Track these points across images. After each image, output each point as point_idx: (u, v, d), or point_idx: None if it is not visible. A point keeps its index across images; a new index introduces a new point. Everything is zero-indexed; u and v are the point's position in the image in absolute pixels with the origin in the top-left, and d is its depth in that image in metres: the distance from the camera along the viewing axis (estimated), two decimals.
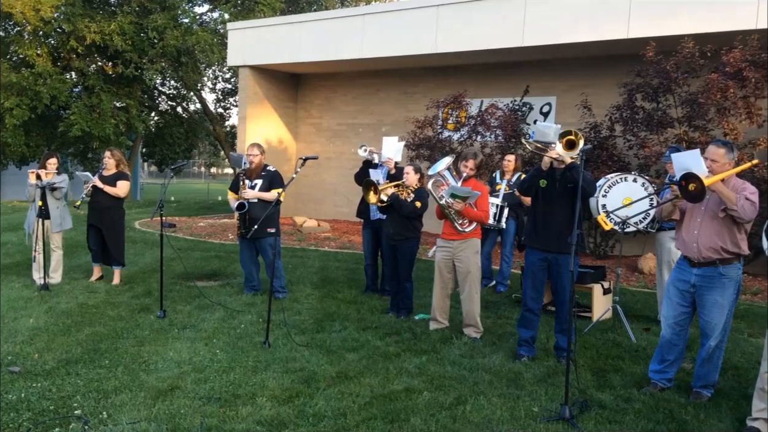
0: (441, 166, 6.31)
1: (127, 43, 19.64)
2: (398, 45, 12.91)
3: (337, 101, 16.17)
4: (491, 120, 11.65)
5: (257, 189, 7.46)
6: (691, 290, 4.72)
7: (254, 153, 7.58)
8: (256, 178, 7.53)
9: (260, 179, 7.52)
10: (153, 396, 4.46)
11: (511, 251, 8.38)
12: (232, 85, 26.26)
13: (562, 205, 5.28)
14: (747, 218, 4.48)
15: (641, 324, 6.83)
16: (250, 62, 15.47)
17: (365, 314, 6.95)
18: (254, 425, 4.04)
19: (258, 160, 7.57)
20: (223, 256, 10.43)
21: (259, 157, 7.59)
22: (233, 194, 7.65)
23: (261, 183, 7.50)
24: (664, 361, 4.92)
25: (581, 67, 12.13)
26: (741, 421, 4.25)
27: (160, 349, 5.50)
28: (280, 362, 5.24)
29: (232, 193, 7.72)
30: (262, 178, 7.53)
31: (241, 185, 7.44)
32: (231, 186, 7.79)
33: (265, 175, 7.56)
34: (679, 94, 9.42)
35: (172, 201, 24.44)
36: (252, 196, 7.40)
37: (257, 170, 7.56)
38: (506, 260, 8.35)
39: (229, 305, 7.08)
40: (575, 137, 5.01)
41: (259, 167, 7.58)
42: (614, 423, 4.27)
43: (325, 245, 12.17)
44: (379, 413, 4.28)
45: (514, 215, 8.20)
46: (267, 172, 7.59)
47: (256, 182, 7.51)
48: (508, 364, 5.40)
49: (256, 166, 7.56)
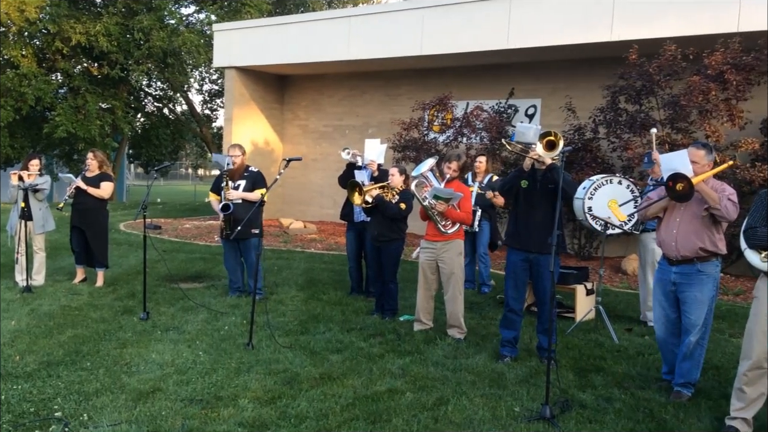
0: (424, 168, 6.34)
1: (112, 44, 19.56)
2: (384, 47, 12.94)
3: (324, 103, 16.17)
4: (476, 122, 11.69)
5: (241, 190, 7.45)
6: (672, 288, 4.82)
7: (236, 154, 7.58)
8: (239, 179, 7.53)
9: (243, 180, 7.52)
10: (134, 398, 4.45)
11: (486, 252, 8.40)
12: (219, 86, 26.20)
13: (543, 205, 5.33)
14: (730, 218, 4.59)
15: (624, 324, 6.88)
16: (237, 63, 15.45)
17: (350, 316, 6.95)
18: (236, 427, 4.04)
19: (240, 160, 7.57)
20: (208, 258, 10.40)
21: (240, 157, 7.59)
22: (215, 195, 7.65)
23: (244, 184, 7.50)
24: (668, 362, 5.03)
25: (565, 70, 12.21)
26: (720, 420, 4.30)
27: (143, 351, 5.49)
28: (263, 364, 5.24)
29: (213, 194, 7.71)
30: (245, 178, 7.53)
31: (224, 187, 7.43)
32: (212, 187, 7.77)
33: (248, 175, 7.56)
34: (661, 96, 9.50)
35: (158, 202, 24.33)
36: (236, 197, 7.39)
37: (239, 171, 7.56)
38: (483, 261, 8.37)
39: (213, 307, 7.07)
40: (555, 138, 5.05)
41: (241, 168, 7.58)
42: (594, 422, 4.30)
43: (311, 247, 12.17)
44: (362, 414, 4.30)
45: (487, 217, 8.22)
46: (250, 173, 7.59)
47: (240, 183, 7.51)
48: (490, 364, 5.43)
49: (239, 167, 7.56)
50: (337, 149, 9.90)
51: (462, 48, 11.88)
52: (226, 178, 7.45)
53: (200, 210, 20.31)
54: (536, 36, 11.02)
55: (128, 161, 30.35)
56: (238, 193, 7.41)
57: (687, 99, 9.01)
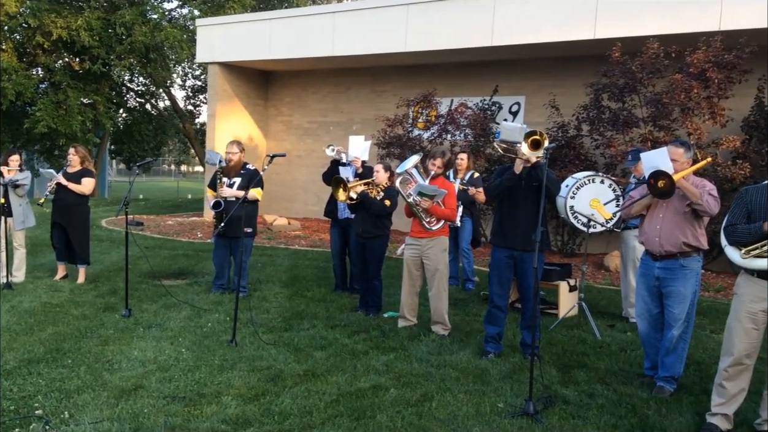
0: (409, 164, 6.34)
1: (94, 39, 19.33)
2: (368, 43, 12.91)
3: (308, 99, 16.12)
4: (461, 119, 11.71)
5: (235, 187, 7.38)
6: (656, 284, 4.88)
7: (233, 151, 7.50)
8: (234, 176, 7.46)
9: (239, 177, 7.44)
10: (116, 395, 4.41)
11: (468, 247, 8.42)
12: (202, 82, 26.02)
13: (527, 203, 5.35)
14: (712, 213, 4.68)
15: (606, 321, 6.93)
16: (220, 59, 15.35)
17: (334, 312, 6.94)
18: (219, 424, 4.02)
19: (237, 158, 7.50)
20: (191, 255, 10.34)
21: (238, 155, 7.51)
22: (212, 192, 7.58)
23: (240, 181, 7.42)
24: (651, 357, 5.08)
25: (549, 68, 12.25)
26: (701, 416, 4.34)
27: (125, 348, 5.44)
28: (246, 361, 5.22)
29: (210, 190, 7.64)
30: (241, 176, 7.44)
31: (218, 183, 7.37)
32: (209, 183, 7.70)
33: (244, 173, 7.47)
34: (644, 94, 9.56)
35: (140, 199, 24.15)
36: (230, 195, 7.31)
37: (236, 168, 7.49)
38: (466, 256, 8.38)
39: (196, 304, 7.03)
40: (540, 137, 5.07)
41: (238, 165, 7.51)
42: (577, 418, 4.33)
43: (296, 243, 12.13)
44: (346, 411, 4.29)
45: (468, 213, 8.25)
46: (246, 171, 7.50)
47: (235, 180, 7.43)
48: (474, 360, 5.44)
49: (235, 164, 7.49)
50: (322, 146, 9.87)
51: (446, 45, 11.88)
52: (220, 175, 7.39)
53: (183, 206, 20.21)
54: (520, 33, 11.04)
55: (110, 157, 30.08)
56: (232, 191, 7.34)
57: (669, 97, 9.06)
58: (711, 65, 8.89)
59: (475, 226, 8.45)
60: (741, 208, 4.15)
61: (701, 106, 9.13)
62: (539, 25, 10.81)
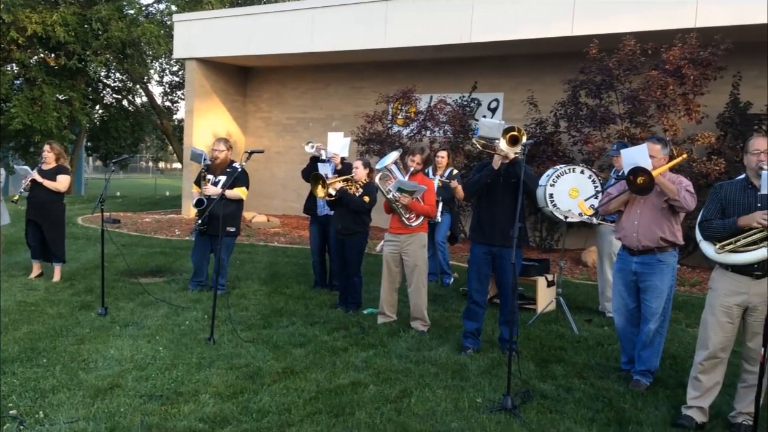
0: (388, 161, 6.35)
1: (70, 35, 19.06)
2: (347, 39, 12.87)
3: (287, 95, 16.05)
4: (440, 115, 11.72)
5: (220, 185, 7.29)
6: (633, 278, 4.94)
7: (220, 148, 7.42)
8: (220, 174, 7.37)
9: (225, 176, 7.33)
10: (92, 395, 4.36)
11: (444, 240, 8.44)
12: (180, 78, 25.80)
13: (505, 199, 5.38)
14: (689, 208, 4.75)
15: (584, 315, 6.98)
16: (197, 55, 15.21)
17: (313, 309, 6.92)
18: (196, 422, 3.99)
19: (224, 155, 7.41)
20: (169, 252, 10.26)
21: (225, 152, 7.42)
22: (197, 188, 7.48)
23: (224, 179, 7.32)
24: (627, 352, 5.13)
25: (528, 64, 12.31)
26: (677, 409, 4.38)
27: (101, 347, 5.39)
28: (224, 358, 5.19)
29: (196, 187, 7.54)
30: (227, 174, 7.30)
31: (203, 181, 7.29)
32: (196, 180, 7.61)
33: (230, 171, 7.32)
34: (621, 90, 9.63)
35: (117, 196, 23.90)
36: (213, 193, 7.18)
37: (222, 166, 7.40)
38: (441, 249, 8.40)
39: (173, 302, 6.97)
40: (518, 133, 5.10)
41: (225, 163, 7.42)
42: (555, 412, 4.35)
43: (275, 241, 12.08)
44: (325, 408, 4.28)
45: (447, 209, 8.29)
46: (232, 169, 7.34)
47: (221, 178, 7.34)
48: (453, 356, 5.46)
49: (221, 162, 7.40)
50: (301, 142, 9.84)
51: (425, 41, 11.89)
52: (204, 173, 7.32)
53: (161, 203, 20.04)
54: (499, 30, 11.08)
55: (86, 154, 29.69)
56: (216, 189, 7.23)
57: (645, 93, 9.14)
58: (686, 62, 8.98)
59: (454, 222, 8.49)
60: (715, 203, 4.20)
61: (677, 103, 9.22)
62: (517, 22, 10.85)
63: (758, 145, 4.03)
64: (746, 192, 4.10)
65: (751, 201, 4.04)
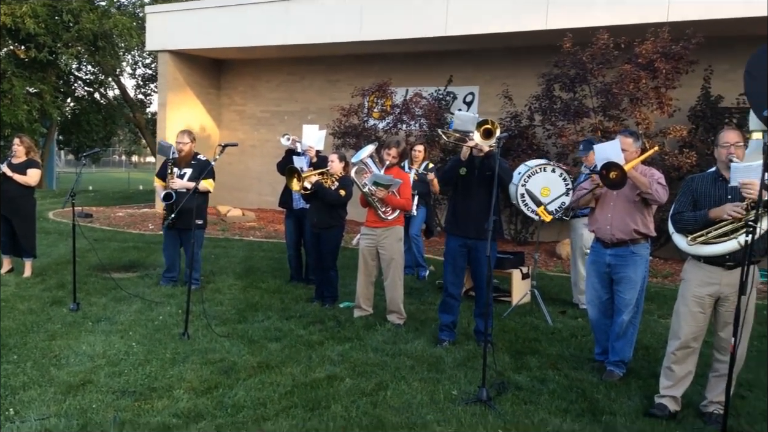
0: (364, 154, 6.33)
1: (40, 27, 18.71)
2: (322, 32, 12.80)
3: (262, 88, 15.93)
4: (416, 109, 11.72)
5: (186, 178, 7.23)
6: (607, 270, 4.99)
7: (184, 141, 7.34)
8: (185, 167, 7.30)
9: (190, 168, 7.28)
10: (63, 391, 4.30)
11: (418, 233, 8.46)
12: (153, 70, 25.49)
13: (480, 192, 5.40)
14: (661, 201, 4.81)
15: (558, 307, 7.04)
16: (170, 47, 15.03)
17: (289, 304, 6.89)
18: (170, 418, 3.95)
19: (188, 148, 7.34)
20: (142, 247, 10.14)
21: (189, 145, 7.35)
22: (160, 182, 7.42)
23: (190, 172, 7.26)
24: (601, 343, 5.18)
25: (503, 58, 12.35)
26: (650, 399, 4.44)
27: (73, 342, 5.31)
28: (199, 353, 5.14)
29: (159, 180, 7.47)
30: (192, 167, 7.27)
31: (169, 174, 7.21)
32: (158, 173, 7.54)
33: (195, 164, 7.30)
34: (594, 84, 9.71)
35: (89, 190, 23.57)
36: (180, 186, 7.13)
37: (187, 158, 7.33)
38: (415, 241, 8.42)
39: (147, 297, 6.89)
40: (492, 126, 5.11)
41: (189, 155, 7.35)
42: (530, 403, 4.39)
43: (250, 235, 12.01)
44: (300, 402, 4.27)
45: (423, 202, 8.31)
46: (197, 161, 7.33)
47: (186, 171, 7.27)
48: (429, 349, 5.47)
49: (186, 155, 7.33)
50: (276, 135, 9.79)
51: (401, 34, 11.87)
52: (171, 166, 7.23)
53: (134, 198, 19.81)
54: (474, 24, 11.10)
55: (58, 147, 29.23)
56: (183, 182, 7.17)
57: (619, 87, 9.23)
58: (659, 56, 9.08)
59: (430, 215, 8.51)
60: (687, 196, 4.25)
61: (649, 96, 9.32)
62: (492, 16, 10.88)
63: (728, 138, 4.09)
64: (717, 184, 4.16)
65: (721, 193, 4.10)
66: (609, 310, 5.08)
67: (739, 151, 4.05)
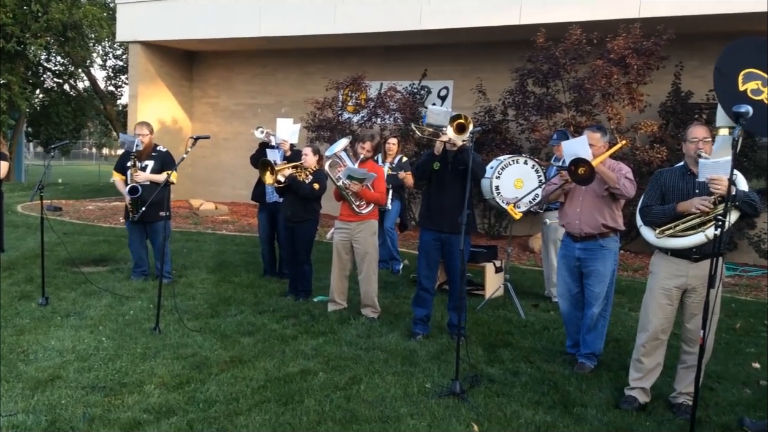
0: (338, 148, 6.30)
1: (8, 16, 18.33)
2: (296, 25, 12.71)
3: (235, 80, 15.79)
4: (390, 103, 11.70)
5: (148, 170, 7.15)
6: (577, 264, 5.04)
7: (144, 132, 7.23)
8: (146, 158, 7.21)
9: (151, 160, 7.20)
10: (32, 387, 4.23)
11: (392, 226, 8.48)
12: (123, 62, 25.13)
13: (454, 187, 5.41)
14: (629, 195, 4.88)
15: (530, 300, 7.10)
16: (141, 38, 14.82)
17: (263, 298, 6.86)
18: (140, 413, 3.91)
19: (148, 140, 7.24)
20: (113, 241, 10.01)
21: (148, 136, 7.25)
22: (119, 175, 7.30)
23: (152, 164, 7.18)
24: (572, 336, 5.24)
25: (477, 53, 12.38)
26: (620, 391, 4.50)
27: (41, 337, 5.22)
28: (170, 348, 5.09)
29: (117, 174, 7.36)
30: (153, 159, 7.20)
31: (131, 168, 7.11)
32: (116, 166, 7.43)
33: (156, 155, 7.23)
34: (567, 79, 9.78)
35: (59, 183, 23.20)
36: (144, 179, 7.06)
37: (147, 150, 7.24)
38: (390, 235, 8.43)
39: (117, 291, 6.80)
40: (465, 121, 5.13)
41: (149, 147, 7.26)
42: (502, 396, 4.42)
43: (223, 229, 11.92)
44: (273, 396, 4.25)
45: (397, 196, 8.33)
46: (158, 153, 7.26)
47: (147, 163, 7.19)
48: (403, 342, 5.48)
49: (146, 147, 7.23)
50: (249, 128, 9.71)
51: (375, 28, 11.84)
52: (134, 159, 7.13)
53: (104, 191, 19.52)
54: (448, 18, 11.11)
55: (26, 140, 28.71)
56: (146, 175, 7.08)
57: (591, 82, 9.30)
58: (630, 52, 9.17)
59: (404, 209, 8.52)
60: (655, 190, 4.31)
61: (621, 92, 9.42)
62: (467, 10, 10.90)
63: (696, 133, 4.16)
64: (685, 178, 4.22)
65: (689, 187, 4.17)
66: (580, 303, 5.14)
67: (707, 147, 4.12)
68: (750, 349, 5.71)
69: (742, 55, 5.16)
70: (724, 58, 5.12)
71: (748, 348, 5.75)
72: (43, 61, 23.40)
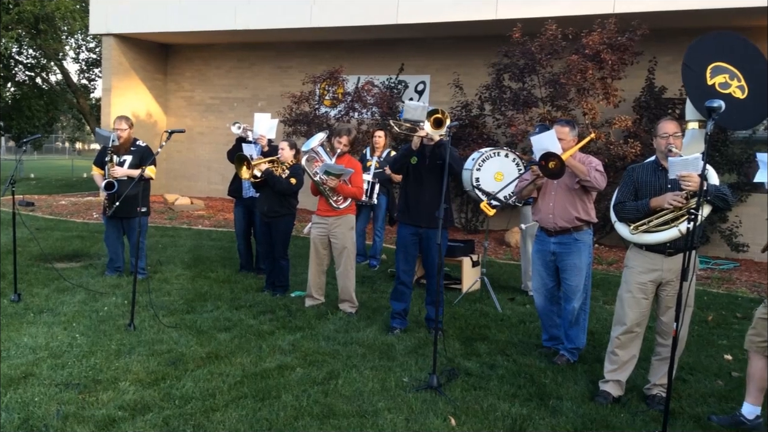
0: (314, 142, 6.28)
1: None
2: (273, 18, 12.62)
3: (210, 74, 15.64)
4: (367, 97, 11.69)
5: (126, 166, 7.05)
6: (552, 258, 5.07)
7: (122, 127, 7.11)
8: (125, 153, 7.11)
9: (130, 155, 7.09)
10: (4, 384, 4.17)
11: (383, 226, 8.52)
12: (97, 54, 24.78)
13: (431, 181, 5.43)
14: (600, 187, 4.93)
15: (507, 294, 7.15)
16: (115, 31, 14.61)
17: (239, 293, 6.82)
18: (116, 410, 3.87)
19: (126, 134, 7.13)
20: (86, 236, 9.88)
21: (127, 131, 7.15)
22: (98, 170, 7.20)
23: (131, 159, 7.08)
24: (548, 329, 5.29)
25: (454, 47, 12.40)
26: (595, 383, 4.54)
27: (14, 334, 5.14)
28: (145, 345, 5.04)
29: (97, 168, 7.26)
30: (132, 154, 7.09)
31: (109, 163, 7.01)
32: (95, 160, 7.33)
33: (135, 150, 7.12)
34: (542, 74, 9.83)
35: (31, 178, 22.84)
36: (122, 174, 6.95)
37: (126, 145, 7.14)
38: (378, 234, 8.47)
39: (91, 287, 6.72)
40: (442, 116, 5.13)
41: (128, 142, 7.16)
42: (479, 389, 4.44)
43: (199, 224, 11.82)
44: (250, 392, 4.23)
45: (385, 191, 8.33)
46: (137, 148, 7.15)
47: (125, 158, 7.09)
48: (381, 337, 5.49)
49: (125, 141, 7.13)
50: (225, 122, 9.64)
51: (352, 22, 11.80)
52: (111, 153, 7.03)
53: (77, 186, 19.28)
54: (424, 12, 11.10)
55: None
56: (124, 170, 6.98)
57: (566, 77, 9.36)
58: (605, 47, 9.23)
59: (391, 204, 8.50)
60: (629, 186, 4.36)
61: (596, 87, 9.49)
62: (443, 5, 10.90)
63: (666, 128, 4.21)
64: (657, 174, 4.27)
65: (661, 182, 4.22)
66: (555, 297, 5.18)
67: (677, 142, 4.17)
68: (722, 341, 5.80)
69: (708, 49, 5.23)
70: (692, 52, 5.19)
71: (720, 340, 5.85)
72: (15, 54, 22.98)
